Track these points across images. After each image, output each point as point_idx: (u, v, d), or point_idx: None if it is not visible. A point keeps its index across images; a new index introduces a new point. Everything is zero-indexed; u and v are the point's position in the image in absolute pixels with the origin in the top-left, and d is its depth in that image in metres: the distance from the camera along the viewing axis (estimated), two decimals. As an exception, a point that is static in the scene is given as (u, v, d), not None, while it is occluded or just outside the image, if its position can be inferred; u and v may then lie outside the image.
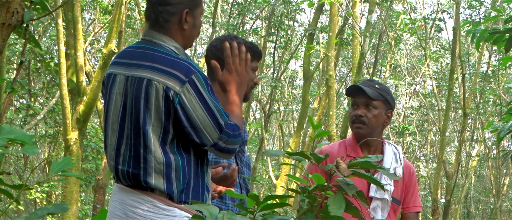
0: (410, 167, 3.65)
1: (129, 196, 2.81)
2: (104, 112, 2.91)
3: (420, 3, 20.75)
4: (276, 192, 16.07)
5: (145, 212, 2.76)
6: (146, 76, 2.76)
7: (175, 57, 2.81)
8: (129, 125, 2.80)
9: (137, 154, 2.78)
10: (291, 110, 23.55)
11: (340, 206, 2.24)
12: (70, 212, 10.94)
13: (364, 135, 3.54)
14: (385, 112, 3.59)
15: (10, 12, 2.85)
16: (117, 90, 2.84)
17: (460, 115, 20.46)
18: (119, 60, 2.91)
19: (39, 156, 18.53)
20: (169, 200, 2.77)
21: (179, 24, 2.87)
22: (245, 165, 3.35)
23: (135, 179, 2.79)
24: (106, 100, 2.89)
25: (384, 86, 3.64)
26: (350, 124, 3.64)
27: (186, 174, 2.81)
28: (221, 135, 2.76)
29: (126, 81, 2.82)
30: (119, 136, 2.83)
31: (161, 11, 2.85)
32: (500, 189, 22.95)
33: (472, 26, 5.59)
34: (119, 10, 11.55)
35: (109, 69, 2.94)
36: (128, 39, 17.68)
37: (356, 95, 3.58)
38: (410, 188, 3.60)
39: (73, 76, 11.61)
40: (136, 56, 2.86)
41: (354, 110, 3.59)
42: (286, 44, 18.99)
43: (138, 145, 2.78)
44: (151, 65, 2.78)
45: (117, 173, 2.85)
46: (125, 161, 2.81)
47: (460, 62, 17.93)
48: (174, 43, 2.86)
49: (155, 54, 2.82)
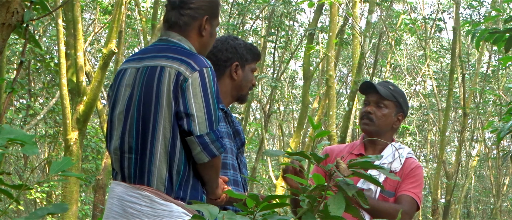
0: (414, 163, 3.58)
1: (127, 192, 2.83)
2: (111, 105, 2.94)
3: (420, 3, 20.76)
4: (276, 192, 16.07)
5: (143, 207, 2.79)
6: (160, 64, 2.82)
7: (190, 51, 2.88)
8: (136, 114, 2.82)
9: (144, 141, 2.81)
10: (291, 110, 23.55)
11: (340, 206, 2.25)
12: (70, 212, 10.94)
13: (370, 132, 3.54)
14: (395, 113, 3.59)
15: (10, 12, 2.85)
16: (126, 82, 2.88)
17: (460, 115, 20.46)
18: (131, 58, 2.97)
19: (39, 156, 18.53)
20: (166, 195, 2.80)
21: (198, 30, 2.93)
22: (243, 165, 3.37)
23: (140, 167, 2.82)
24: (114, 93, 2.92)
25: (399, 90, 3.65)
26: (359, 120, 3.65)
27: (187, 170, 2.84)
28: (210, 131, 2.78)
29: (136, 72, 2.87)
30: (123, 125, 2.85)
31: (183, 14, 2.91)
32: (500, 189, 22.95)
33: (472, 26, 5.59)
34: (119, 10, 11.55)
35: (120, 67, 2.99)
36: (128, 39, 17.69)
37: (369, 93, 3.60)
38: (407, 179, 3.53)
39: (73, 76, 11.61)
40: (150, 50, 2.92)
41: (364, 106, 3.61)
42: (286, 44, 18.99)
43: (146, 133, 2.80)
44: (165, 55, 2.84)
45: (122, 161, 2.86)
46: (131, 149, 2.84)
47: (460, 62, 17.93)
48: (190, 44, 2.92)
49: (170, 47, 2.88)
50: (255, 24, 19.26)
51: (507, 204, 24.68)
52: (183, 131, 2.79)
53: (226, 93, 3.29)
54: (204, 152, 2.79)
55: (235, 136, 3.34)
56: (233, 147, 3.26)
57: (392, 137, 3.66)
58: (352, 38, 13.66)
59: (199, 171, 2.86)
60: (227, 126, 3.24)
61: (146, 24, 15.73)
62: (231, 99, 3.34)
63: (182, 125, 2.77)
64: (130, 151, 2.84)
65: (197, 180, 2.88)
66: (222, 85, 3.25)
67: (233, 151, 3.25)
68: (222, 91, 3.25)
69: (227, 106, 3.32)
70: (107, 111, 3.00)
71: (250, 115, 23.29)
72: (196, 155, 2.80)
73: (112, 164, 2.95)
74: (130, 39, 18.27)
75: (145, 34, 15.93)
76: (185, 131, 2.78)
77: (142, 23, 16.13)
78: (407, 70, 21.19)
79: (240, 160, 3.34)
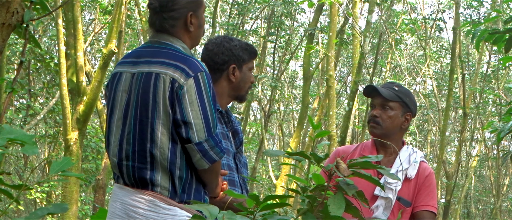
0: (427, 169, 3.60)
1: (130, 196, 2.82)
2: (109, 110, 2.93)
3: (420, 3, 20.74)
4: (276, 192, 16.06)
5: (146, 211, 2.77)
6: (155, 71, 2.80)
7: (184, 54, 2.85)
8: (132, 120, 2.81)
9: (143, 148, 2.79)
10: (291, 110, 23.54)
11: (340, 206, 2.25)
12: (70, 212, 10.94)
13: (378, 135, 3.54)
14: (402, 114, 3.59)
15: (10, 12, 2.85)
16: (122, 88, 2.86)
17: (460, 115, 20.46)
18: (125, 60, 2.95)
19: (39, 156, 18.52)
20: (170, 199, 2.79)
21: (185, 27, 2.91)
22: (243, 165, 3.36)
23: (139, 175, 2.80)
24: (111, 98, 2.91)
25: (404, 89, 3.64)
26: (367, 124, 3.65)
27: (189, 174, 2.83)
28: (208, 137, 2.77)
29: (132, 78, 2.85)
30: (121, 132, 2.84)
31: (166, 18, 2.89)
32: (500, 189, 22.94)
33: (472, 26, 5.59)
34: (119, 10, 11.55)
35: (114, 69, 2.97)
36: (128, 39, 17.69)
37: (373, 96, 3.60)
38: (423, 189, 3.56)
39: (73, 76, 11.60)
40: (144, 54, 2.89)
41: (371, 110, 3.62)
42: (286, 44, 18.98)
43: (144, 140, 2.79)
44: (160, 60, 2.82)
45: (121, 169, 2.85)
46: (128, 156, 2.82)
47: (460, 62, 17.93)
48: (182, 44, 2.90)
49: (164, 51, 2.86)
50: (255, 24, 19.26)
51: (507, 204, 24.67)
52: (182, 138, 2.78)
53: (223, 95, 3.28)
54: (204, 159, 2.79)
55: (234, 136, 3.33)
56: (230, 147, 3.26)
57: (401, 137, 3.66)
58: (352, 38, 13.66)
59: (199, 175, 2.86)
60: (222, 126, 3.23)
61: (146, 24, 15.72)
62: (229, 99, 3.33)
63: (181, 132, 2.77)
64: (127, 159, 2.83)
65: (199, 183, 2.88)
66: (219, 87, 3.24)
67: (230, 151, 3.25)
68: (219, 93, 3.23)
69: (224, 106, 3.31)
70: (107, 112, 3.00)
71: (250, 114, 23.29)
72: (197, 161, 2.80)
73: (112, 167, 2.94)
74: (130, 39, 18.26)
75: (145, 34, 15.94)
76: (183, 138, 2.78)
77: (142, 23, 16.13)
78: (407, 70, 21.19)
79: (239, 159, 3.33)
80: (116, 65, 2.99)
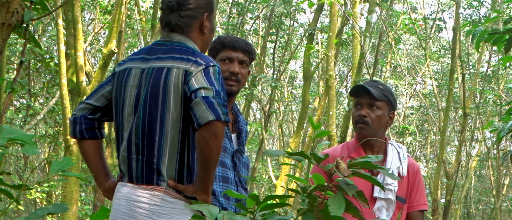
0: (415, 165, 3.62)
1: (135, 192, 2.83)
2: (118, 105, 2.91)
3: (420, 3, 20.75)
4: (276, 192, 16.07)
5: (152, 206, 2.78)
6: (166, 65, 2.81)
7: (196, 51, 2.88)
8: (142, 114, 2.81)
9: (152, 141, 2.79)
10: (291, 110, 23.54)
11: (340, 206, 2.25)
12: (70, 212, 10.94)
13: (367, 135, 3.50)
14: (388, 112, 3.56)
15: (10, 12, 2.85)
16: (131, 83, 2.87)
17: (460, 114, 20.46)
18: (135, 57, 2.95)
19: (39, 156, 18.53)
20: (176, 193, 2.79)
21: (199, 29, 2.95)
22: (243, 164, 3.36)
23: (147, 168, 2.80)
24: (121, 94, 2.90)
25: (387, 87, 3.62)
26: (353, 124, 3.60)
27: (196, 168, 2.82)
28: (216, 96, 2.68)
29: (142, 73, 2.86)
30: (131, 127, 2.85)
31: (183, 16, 2.92)
32: (500, 189, 22.94)
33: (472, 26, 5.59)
34: (119, 10, 11.55)
35: (124, 65, 2.96)
36: (128, 39, 17.69)
37: (360, 96, 3.54)
38: (414, 186, 3.57)
39: (73, 76, 11.61)
40: (155, 51, 2.91)
41: (357, 110, 3.54)
42: (286, 44, 18.98)
43: (152, 133, 2.79)
44: (172, 55, 2.84)
45: (130, 163, 2.85)
46: (138, 150, 2.82)
47: (460, 62, 17.93)
48: (194, 45, 2.92)
49: (175, 47, 2.88)
50: (255, 24, 19.26)
51: (507, 204, 24.66)
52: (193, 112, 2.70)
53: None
54: (209, 110, 2.63)
55: (238, 136, 3.34)
56: (228, 145, 3.26)
57: (384, 134, 3.65)
58: (352, 38, 13.66)
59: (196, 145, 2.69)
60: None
61: (146, 24, 15.74)
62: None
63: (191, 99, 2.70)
64: (137, 152, 2.83)
65: None
66: None
67: (228, 149, 3.25)
68: None
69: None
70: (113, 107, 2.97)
71: (250, 114, 23.29)
72: (201, 114, 2.63)
73: (119, 166, 2.93)
74: (130, 39, 18.26)
75: (145, 34, 15.93)
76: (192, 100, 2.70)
77: (142, 23, 16.13)
78: (407, 70, 21.19)
79: (238, 158, 3.33)
80: (126, 61, 2.98)
